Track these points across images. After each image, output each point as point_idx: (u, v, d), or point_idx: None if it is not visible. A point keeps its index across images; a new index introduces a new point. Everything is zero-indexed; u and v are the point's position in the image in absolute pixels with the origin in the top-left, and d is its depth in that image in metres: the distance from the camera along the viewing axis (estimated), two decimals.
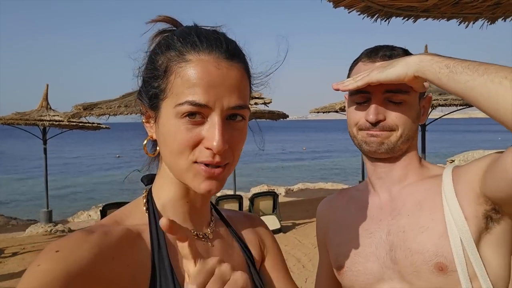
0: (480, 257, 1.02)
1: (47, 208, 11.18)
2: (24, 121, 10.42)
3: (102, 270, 0.69)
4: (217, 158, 0.77)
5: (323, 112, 13.11)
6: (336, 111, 12.74)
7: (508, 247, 1.05)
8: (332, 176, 25.40)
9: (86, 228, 0.75)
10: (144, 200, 0.87)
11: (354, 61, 1.25)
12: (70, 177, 27.98)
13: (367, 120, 1.13)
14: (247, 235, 1.02)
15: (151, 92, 0.81)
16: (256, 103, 8.61)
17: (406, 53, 1.18)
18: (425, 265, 1.04)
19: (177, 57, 0.77)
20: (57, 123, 10.69)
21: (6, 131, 15.01)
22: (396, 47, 1.19)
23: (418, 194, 1.14)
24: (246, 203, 9.19)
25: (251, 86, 0.87)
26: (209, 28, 0.84)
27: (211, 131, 0.75)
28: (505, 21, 4.04)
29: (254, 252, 1.00)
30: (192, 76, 0.75)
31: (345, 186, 17.84)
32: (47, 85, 11.34)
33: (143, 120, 0.87)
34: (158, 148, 0.86)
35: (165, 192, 0.87)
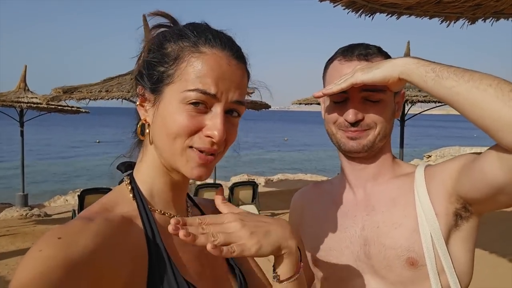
0: (449, 252, 1.07)
1: (23, 192, 10.99)
2: (0, 102, 10.17)
3: (104, 258, 0.70)
4: (215, 146, 0.82)
5: (305, 104, 13.19)
6: (318, 103, 12.77)
7: (473, 243, 1.11)
8: (312, 167, 25.63)
9: (84, 216, 0.76)
10: (129, 187, 0.88)
11: (329, 60, 1.26)
12: (47, 161, 27.50)
13: (346, 120, 1.15)
14: None
15: (155, 76, 0.84)
16: None
17: (380, 51, 1.20)
18: (397, 259, 1.09)
19: (191, 47, 0.82)
20: (35, 105, 10.44)
21: None
22: (370, 45, 1.21)
23: (392, 191, 1.18)
24: (226, 192, 9.22)
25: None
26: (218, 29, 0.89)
27: (214, 121, 0.80)
28: (485, 21, 4.14)
29: None
30: (205, 66, 0.80)
31: (324, 178, 18.03)
32: (25, 66, 11.06)
33: (137, 103, 0.88)
34: (147, 131, 0.87)
35: (149, 179, 0.89)
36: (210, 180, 12.38)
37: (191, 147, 0.81)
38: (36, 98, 10.38)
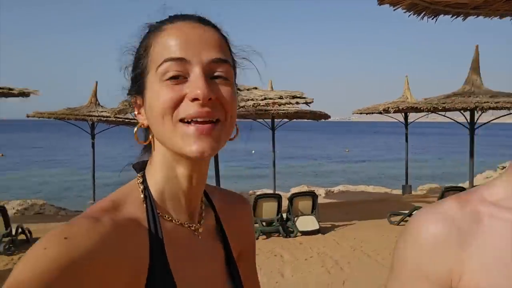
0: None
1: (94, 201, 11.68)
2: (74, 116, 10.97)
3: (106, 266, 0.68)
4: (206, 108, 0.74)
5: (366, 114, 12.87)
6: (380, 112, 12.44)
7: None
8: (374, 179, 24.87)
9: (91, 214, 0.72)
10: (141, 187, 0.83)
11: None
12: (116, 171, 28.98)
13: None
14: (232, 225, 0.99)
15: (136, 75, 0.82)
16: (297, 102, 8.59)
17: None
18: None
19: (155, 31, 0.80)
20: (104, 118, 11.16)
21: (58, 125, 15.81)
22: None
23: None
24: (285, 203, 9.18)
25: (232, 54, 0.85)
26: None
27: (194, 82, 0.74)
28: None
29: (234, 243, 0.97)
30: (168, 38, 0.77)
31: (388, 190, 17.36)
32: (96, 82, 11.86)
33: (135, 113, 0.85)
34: (150, 134, 0.83)
35: (160, 180, 0.84)
36: (269, 190, 12.37)
37: (181, 120, 0.75)
38: (106, 111, 11.07)
